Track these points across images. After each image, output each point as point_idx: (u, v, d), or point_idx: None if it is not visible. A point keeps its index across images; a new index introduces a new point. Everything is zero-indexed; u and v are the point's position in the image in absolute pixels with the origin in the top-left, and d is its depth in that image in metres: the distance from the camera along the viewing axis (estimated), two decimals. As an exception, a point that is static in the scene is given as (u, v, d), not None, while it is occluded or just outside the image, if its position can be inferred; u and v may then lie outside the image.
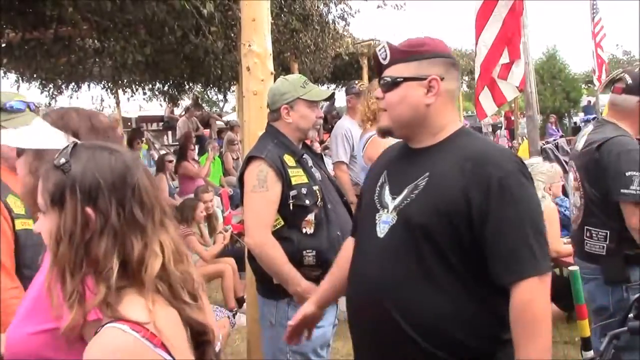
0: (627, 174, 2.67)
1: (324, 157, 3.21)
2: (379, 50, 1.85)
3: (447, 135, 1.81)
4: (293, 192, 2.71)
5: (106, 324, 1.18)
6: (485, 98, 5.37)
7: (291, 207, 2.71)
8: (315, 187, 2.79)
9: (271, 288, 2.76)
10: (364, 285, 1.83)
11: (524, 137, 8.67)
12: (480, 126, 25.59)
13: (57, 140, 1.60)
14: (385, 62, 1.83)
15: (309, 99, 2.85)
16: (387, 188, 1.83)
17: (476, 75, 5.33)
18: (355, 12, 8.08)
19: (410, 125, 1.83)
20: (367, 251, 1.85)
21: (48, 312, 1.29)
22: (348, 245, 2.08)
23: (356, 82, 5.19)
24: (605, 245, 2.85)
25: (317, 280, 2.68)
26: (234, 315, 4.88)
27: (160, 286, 1.22)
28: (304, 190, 2.73)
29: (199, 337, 1.30)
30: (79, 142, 1.30)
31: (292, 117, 2.83)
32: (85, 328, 1.24)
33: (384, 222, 1.77)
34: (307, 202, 2.73)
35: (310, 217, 2.73)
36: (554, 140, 9.72)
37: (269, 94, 2.96)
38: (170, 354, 1.16)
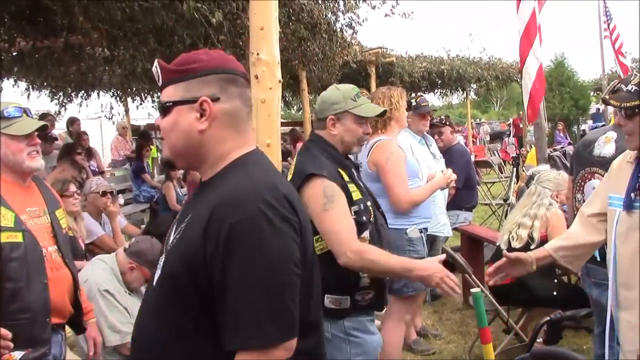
0: None
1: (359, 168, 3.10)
2: (154, 70, 1.61)
3: (223, 167, 1.57)
4: (354, 208, 2.61)
5: None
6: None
7: None
8: (368, 203, 2.70)
9: (328, 306, 2.55)
10: (132, 338, 1.65)
11: (532, 145, 8.65)
12: (503, 131, 25.60)
13: None
14: (160, 84, 1.60)
15: (358, 114, 2.72)
16: (174, 228, 1.60)
17: (529, 83, 5.40)
18: (363, 21, 8.10)
19: (186, 154, 1.59)
20: (145, 299, 1.65)
21: None
22: None
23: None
24: None
25: (369, 306, 2.66)
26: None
27: None
28: (362, 207, 2.63)
29: None
30: None
31: (337, 130, 2.72)
32: None
33: (159, 269, 1.57)
34: (364, 218, 2.63)
35: (366, 234, 2.62)
36: (562, 147, 9.70)
37: (319, 100, 2.85)
38: None
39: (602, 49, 10.78)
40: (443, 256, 2.73)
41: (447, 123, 6.26)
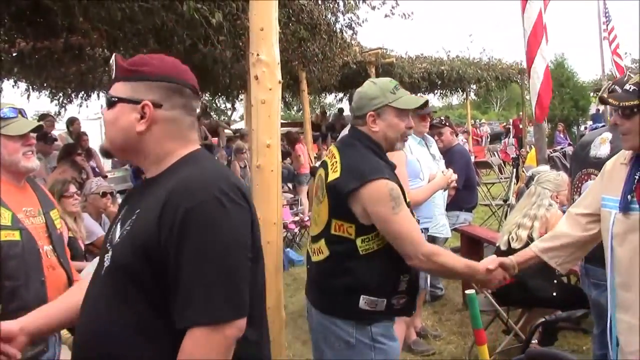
0: None
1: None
2: (111, 62, 1.67)
3: (169, 165, 1.61)
4: None
5: None
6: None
7: None
8: (408, 202, 2.61)
9: (354, 309, 2.51)
10: (78, 334, 1.63)
11: (532, 146, 8.65)
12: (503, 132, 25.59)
13: None
14: (113, 77, 1.66)
15: (399, 107, 2.59)
16: (119, 224, 1.62)
17: (538, 83, 5.41)
18: (363, 21, 8.11)
19: (125, 150, 1.66)
20: (88, 293, 1.65)
21: None
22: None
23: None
24: None
25: (400, 311, 2.63)
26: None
27: None
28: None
29: None
30: None
31: (378, 126, 2.59)
32: None
33: (107, 262, 1.58)
34: None
35: None
36: (562, 148, 9.70)
37: (355, 97, 2.71)
38: None
39: (601, 49, 10.77)
40: (495, 257, 2.73)
41: (447, 124, 6.26)
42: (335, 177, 2.52)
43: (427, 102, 2.75)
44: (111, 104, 1.62)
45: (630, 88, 2.28)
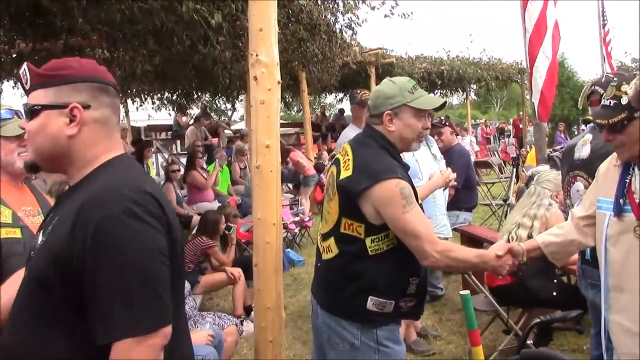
0: None
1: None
2: (22, 72, 1.62)
3: (90, 170, 1.59)
4: None
5: None
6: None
7: None
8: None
9: (359, 310, 2.49)
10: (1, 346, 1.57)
11: (532, 145, 8.65)
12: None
13: None
14: (27, 87, 1.61)
15: (417, 107, 2.56)
16: (41, 232, 1.59)
17: (540, 81, 5.41)
18: (363, 22, 8.11)
19: (52, 158, 1.61)
20: (15, 301, 1.58)
21: None
22: None
23: (358, 91, 5.14)
24: None
25: (408, 314, 2.62)
26: (241, 323, 4.89)
27: None
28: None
29: None
30: None
31: (395, 125, 2.56)
32: None
33: (27, 271, 1.55)
34: None
35: None
36: (562, 148, 9.69)
37: (372, 95, 2.68)
38: None
39: (601, 49, 10.77)
40: (504, 243, 2.76)
41: (447, 124, 6.27)
42: (347, 175, 2.50)
43: (445, 102, 2.72)
44: (33, 113, 1.57)
45: (610, 103, 2.24)
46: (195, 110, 14.56)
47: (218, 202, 8.34)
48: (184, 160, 10.71)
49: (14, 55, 7.13)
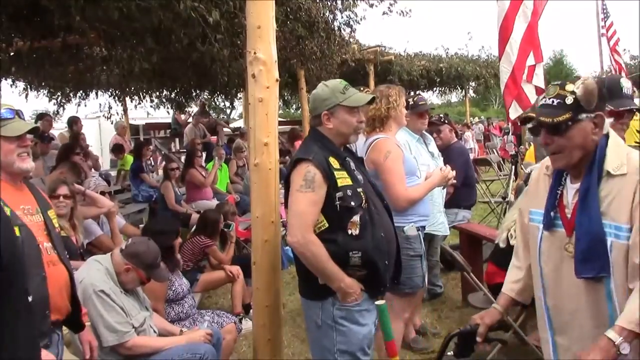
0: None
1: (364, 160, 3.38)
2: None
3: None
4: (339, 194, 2.76)
5: None
6: (515, 102, 5.52)
7: (338, 208, 2.75)
8: (360, 189, 2.84)
9: (316, 288, 2.81)
10: None
11: (531, 143, 8.63)
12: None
13: None
14: None
15: (349, 105, 2.89)
16: None
17: (505, 77, 5.41)
18: (361, 19, 8.11)
19: None
20: None
21: None
22: None
23: (361, 88, 5.15)
24: None
25: (362, 280, 2.82)
26: (240, 321, 4.89)
27: None
28: (349, 192, 2.78)
29: None
30: None
31: (332, 123, 2.90)
32: None
33: None
34: (353, 203, 2.77)
35: (356, 218, 2.78)
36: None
37: (310, 99, 3.02)
38: None
39: (600, 46, 10.80)
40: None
41: (446, 121, 6.26)
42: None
43: (373, 98, 3.12)
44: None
45: (553, 102, 2.06)
46: (194, 109, 14.54)
47: (217, 200, 8.33)
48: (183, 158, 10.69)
49: (12, 54, 7.13)
